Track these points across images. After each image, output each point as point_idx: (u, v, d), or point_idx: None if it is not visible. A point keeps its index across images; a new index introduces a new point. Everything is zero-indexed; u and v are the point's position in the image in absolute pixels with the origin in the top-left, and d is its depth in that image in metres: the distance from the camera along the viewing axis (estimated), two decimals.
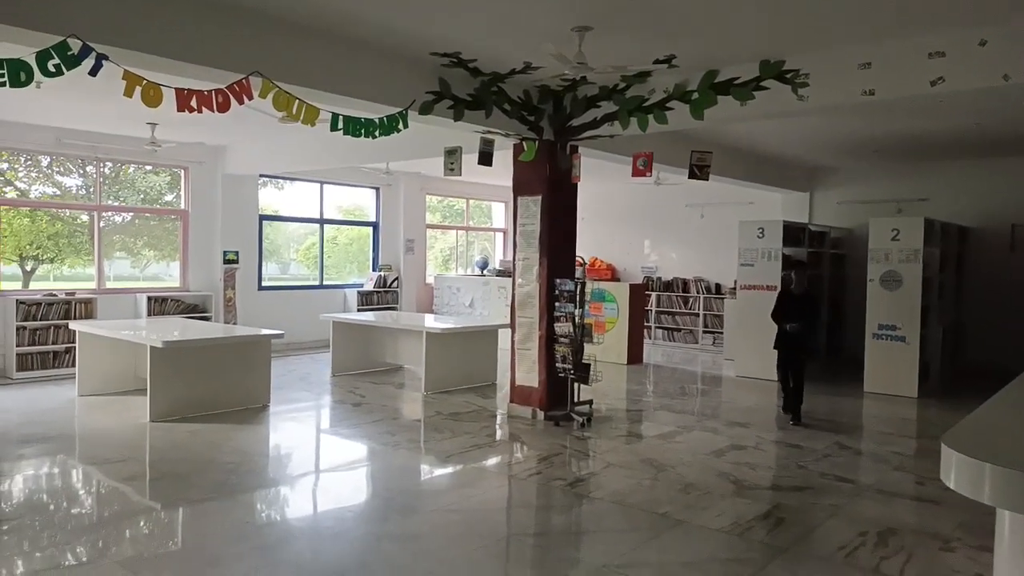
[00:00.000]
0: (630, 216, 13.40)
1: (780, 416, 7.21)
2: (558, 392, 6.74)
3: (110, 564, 3.61)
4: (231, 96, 4.43)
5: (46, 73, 3.70)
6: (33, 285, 9.44)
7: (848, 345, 10.56)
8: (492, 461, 5.61)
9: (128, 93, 4.06)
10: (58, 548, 3.78)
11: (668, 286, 12.84)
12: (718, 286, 12.30)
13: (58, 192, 9.80)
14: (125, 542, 3.94)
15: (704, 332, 12.37)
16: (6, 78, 3.63)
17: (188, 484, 4.84)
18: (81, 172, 9.69)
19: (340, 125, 5.06)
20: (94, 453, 5.71)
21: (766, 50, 5.26)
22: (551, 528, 4.40)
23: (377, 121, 5.24)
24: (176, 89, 4.24)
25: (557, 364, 6.66)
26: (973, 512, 4.25)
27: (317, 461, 5.77)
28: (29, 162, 9.43)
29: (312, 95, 4.98)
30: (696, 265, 12.69)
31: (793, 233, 9.59)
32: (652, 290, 12.78)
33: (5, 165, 9.20)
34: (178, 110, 4.27)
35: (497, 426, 6.66)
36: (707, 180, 6.45)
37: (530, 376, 6.87)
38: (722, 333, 11.74)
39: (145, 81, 4.08)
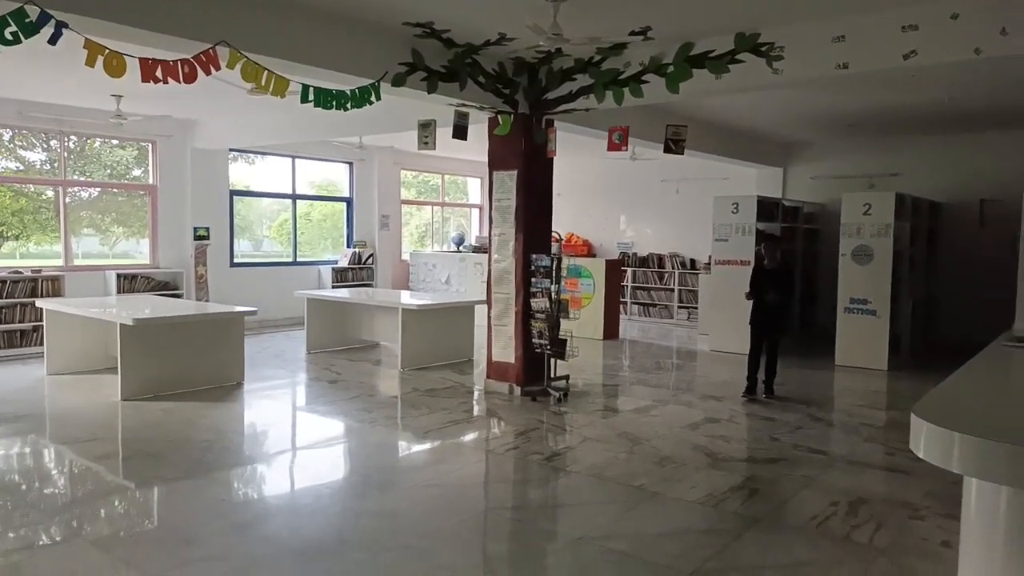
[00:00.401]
0: (606, 191, 13.39)
1: (741, 402, 6.77)
2: (535, 368, 6.74)
3: (83, 543, 3.57)
4: (198, 66, 4.31)
5: (3, 41, 3.57)
6: None
7: (820, 319, 10.70)
8: (469, 436, 5.62)
9: (90, 63, 3.93)
10: (31, 528, 3.72)
11: (644, 262, 12.88)
12: (693, 261, 12.36)
13: (21, 167, 9.53)
14: (99, 521, 3.88)
15: (679, 307, 12.45)
16: None
17: (161, 462, 4.78)
18: (45, 146, 9.43)
19: (311, 97, 4.96)
20: (65, 432, 5.62)
21: (741, 22, 5.23)
22: (528, 502, 4.42)
23: (349, 93, 5.14)
24: (140, 59, 4.11)
25: (533, 340, 6.66)
26: (941, 481, 4.35)
27: (293, 438, 5.73)
28: None
29: (281, 66, 4.86)
30: (671, 241, 12.74)
31: (767, 208, 9.64)
32: (628, 266, 12.81)
33: None
34: (143, 80, 4.15)
35: (474, 402, 6.66)
36: (682, 154, 6.43)
37: (506, 352, 6.87)
38: (697, 308, 11.83)
39: (108, 50, 3.95)
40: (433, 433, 5.61)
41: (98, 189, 10.11)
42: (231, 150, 10.79)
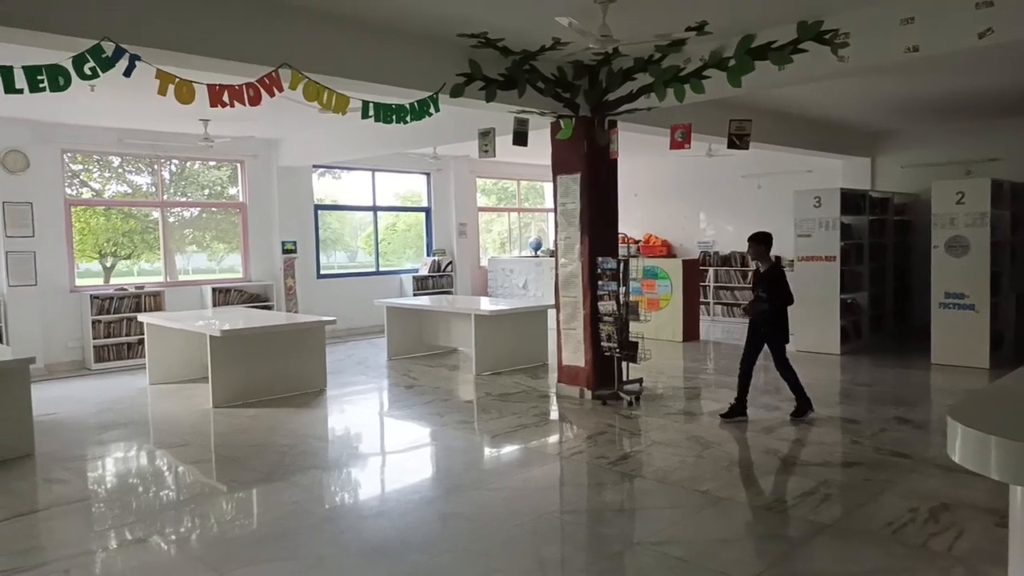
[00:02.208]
0: (684, 190, 13.13)
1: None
2: (605, 371, 6.70)
3: (163, 541, 3.81)
4: (262, 89, 4.54)
5: (83, 76, 3.87)
6: (114, 280, 9.93)
7: (915, 315, 10.13)
8: (536, 441, 5.64)
9: (162, 91, 4.21)
10: (120, 526, 4.00)
11: (726, 260, 12.55)
12: (778, 258, 11.92)
13: (129, 191, 10.26)
14: (179, 520, 4.13)
15: None
16: (46, 83, 3.81)
17: (243, 466, 5.05)
18: (150, 170, 10.12)
19: (371, 112, 5.12)
20: (160, 438, 6.01)
21: (803, 10, 5.05)
22: (588, 506, 4.40)
23: (408, 106, 5.28)
24: (208, 85, 4.36)
25: (602, 343, 6.62)
26: None
27: (366, 443, 5.89)
28: (102, 162, 9.91)
29: (342, 84, 5.04)
30: None
31: (852, 201, 9.22)
32: (709, 265, 12.52)
33: (80, 167, 9.69)
34: (211, 105, 4.40)
35: (545, 406, 6.68)
36: (747, 149, 6.26)
37: (576, 355, 6.85)
38: None
39: (177, 79, 4.22)
40: (501, 437, 5.67)
41: (197, 208, 10.76)
42: (314, 166, 11.25)
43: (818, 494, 4.27)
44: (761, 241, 6.03)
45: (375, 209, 12.34)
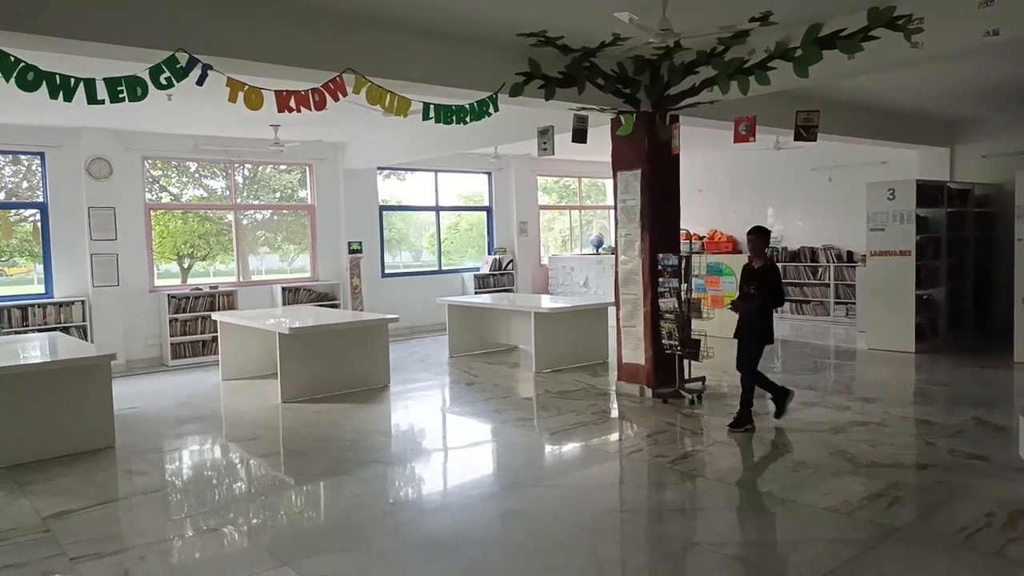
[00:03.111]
0: (751, 184, 12.83)
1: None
2: (666, 369, 6.62)
3: (232, 531, 3.97)
4: (327, 94, 4.66)
5: (159, 86, 4.06)
6: (190, 281, 10.37)
7: (997, 312, 9.65)
8: (595, 439, 5.62)
9: (232, 99, 4.37)
10: (203, 516, 4.19)
11: (795, 256, 12.21)
12: (850, 254, 11.55)
13: (205, 195, 10.69)
14: (249, 512, 4.30)
15: (836, 303, 11.68)
16: (125, 93, 4.01)
17: (309, 460, 5.21)
18: (224, 175, 10.51)
19: (431, 114, 5.20)
20: (232, 432, 6.25)
21: None
22: (647, 505, 4.37)
23: (467, 107, 5.33)
24: (276, 92, 4.51)
25: (663, 340, 6.54)
26: None
27: (426, 439, 5.97)
28: (179, 168, 10.36)
29: (404, 87, 5.13)
30: (825, 232, 11.98)
31: (929, 192, 8.85)
32: (777, 261, 12.20)
33: (159, 172, 10.16)
34: (278, 111, 4.55)
35: (605, 404, 6.65)
36: (815, 141, 6.08)
37: (636, 353, 6.80)
38: (855, 303, 11.05)
39: (247, 86, 4.38)
40: (559, 435, 5.68)
41: (269, 211, 11.13)
42: (379, 168, 11.47)
43: (887, 496, 4.12)
44: (762, 235, 5.67)
45: (438, 209, 12.50)
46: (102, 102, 4.00)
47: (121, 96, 4.03)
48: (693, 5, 4.85)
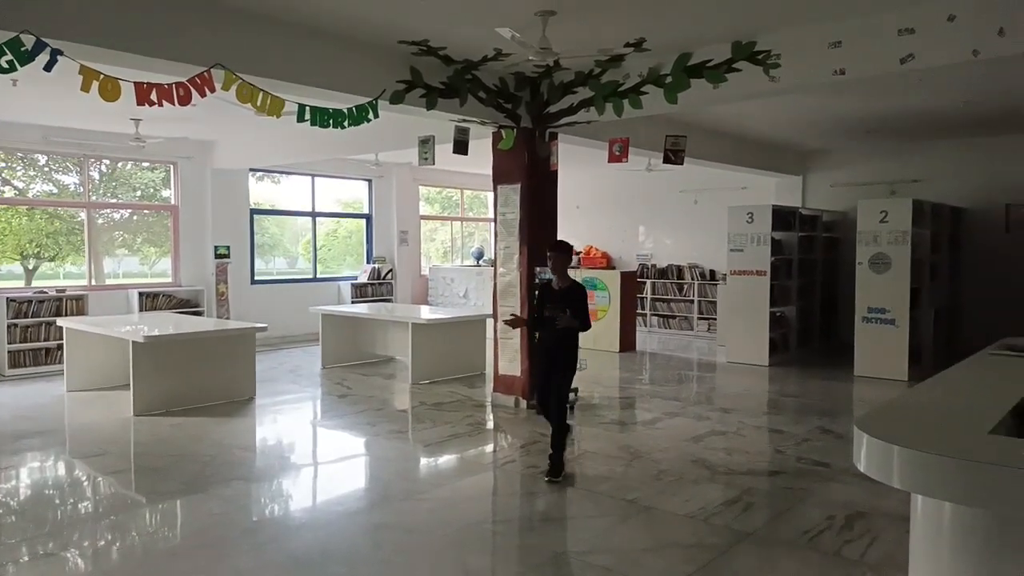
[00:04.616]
0: (625, 203, 13.33)
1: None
2: None
3: (72, 555, 3.64)
4: (193, 89, 4.42)
5: (0, 69, 3.71)
6: (36, 283, 9.50)
7: (840, 329, 10.50)
8: (468, 450, 5.61)
9: (85, 88, 4.06)
10: (40, 539, 3.81)
11: (663, 273, 12.78)
12: (712, 272, 12.22)
13: (55, 191, 9.85)
14: (90, 534, 3.96)
15: (699, 319, 12.31)
16: None
17: (163, 476, 4.87)
18: (78, 170, 9.73)
19: (307, 116, 5.04)
20: (79, 447, 5.76)
21: (737, 30, 5.20)
22: (516, 516, 4.40)
23: (346, 112, 5.22)
24: (135, 83, 4.23)
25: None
26: None
27: (292, 453, 5.75)
28: (27, 161, 9.48)
29: (279, 86, 4.95)
30: (691, 251, 12.62)
31: (783, 217, 9.52)
32: (647, 277, 12.73)
33: (2, 164, 9.26)
34: (138, 104, 4.26)
35: (480, 415, 6.65)
36: (682, 164, 6.40)
37: (513, 365, 6.86)
38: (716, 319, 11.69)
39: (102, 76, 4.08)
40: (433, 447, 5.62)
41: (128, 211, 10.39)
42: (251, 170, 11.00)
43: (741, 502, 4.36)
44: (565, 252, 4.91)
45: (314, 215, 12.14)
46: None
47: None
48: (571, 27, 4.99)
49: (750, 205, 9.54)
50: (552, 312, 4.80)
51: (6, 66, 3.75)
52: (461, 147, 6.51)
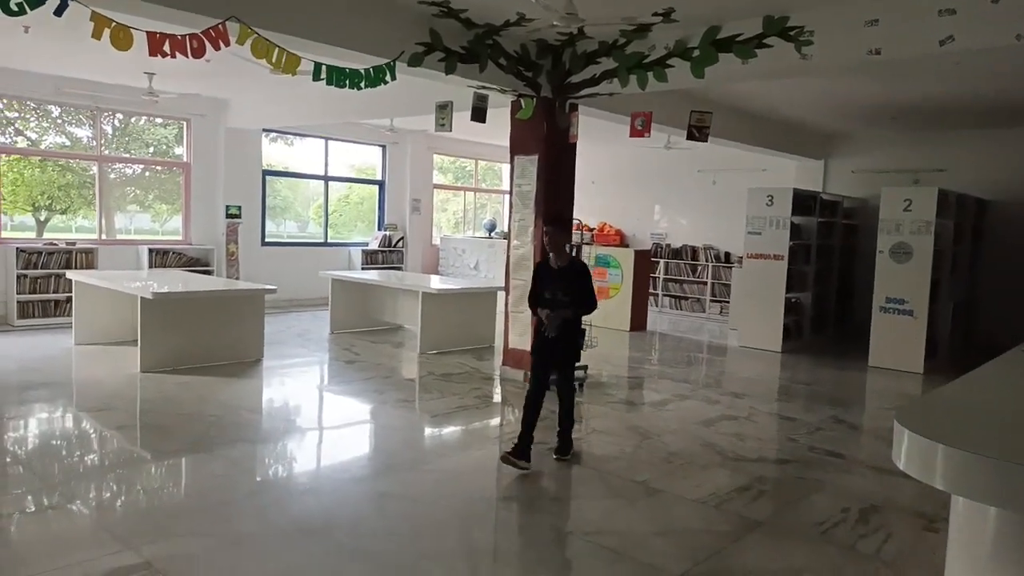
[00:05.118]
0: (641, 180, 13.13)
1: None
2: None
3: (74, 509, 3.60)
4: (207, 41, 4.29)
5: (8, 11, 3.58)
6: (48, 235, 9.45)
7: (856, 317, 10.35)
8: (475, 423, 5.55)
9: (96, 35, 3.93)
10: (45, 491, 3.77)
11: (677, 253, 12.61)
12: (727, 254, 12.06)
13: (68, 143, 9.75)
14: (93, 489, 3.92)
15: (712, 301, 12.17)
16: None
17: (167, 435, 4.83)
18: (91, 123, 9.62)
19: (323, 75, 4.90)
20: (85, 401, 5.73)
21: (770, 4, 5.00)
22: (523, 492, 4.32)
23: (363, 72, 5.08)
24: (148, 32, 4.10)
25: None
26: None
27: (298, 417, 5.70)
28: (40, 112, 9.38)
29: (294, 43, 4.80)
30: (707, 232, 12.44)
31: (803, 201, 9.33)
32: (660, 257, 12.58)
33: (15, 114, 9.16)
34: (150, 54, 4.14)
35: (488, 388, 6.59)
36: (706, 141, 6.24)
37: (523, 339, 6.76)
38: (729, 302, 11.55)
39: (114, 23, 3.95)
40: (440, 418, 5.56)
41: (140, 166, 10.30)
42: (265, 130, 10.87)
43: (752, 490, 4.27)
44: (562, 229, 4.62)
45: (326, 179, 12.02)
46: None
47: None
48: None
49: (770, 187, 9.35)
50: (552, 294, 4.47)
51: (15, 8, 3.63)
52: (479, 114, 6.35)
